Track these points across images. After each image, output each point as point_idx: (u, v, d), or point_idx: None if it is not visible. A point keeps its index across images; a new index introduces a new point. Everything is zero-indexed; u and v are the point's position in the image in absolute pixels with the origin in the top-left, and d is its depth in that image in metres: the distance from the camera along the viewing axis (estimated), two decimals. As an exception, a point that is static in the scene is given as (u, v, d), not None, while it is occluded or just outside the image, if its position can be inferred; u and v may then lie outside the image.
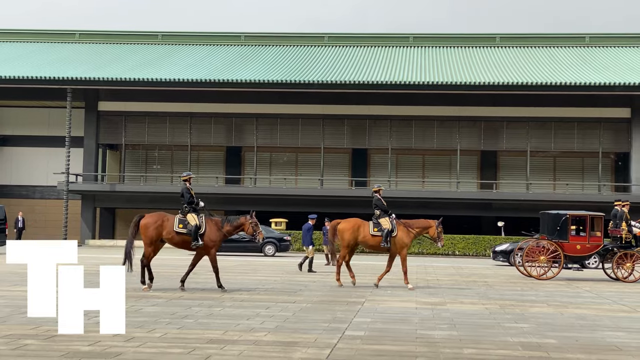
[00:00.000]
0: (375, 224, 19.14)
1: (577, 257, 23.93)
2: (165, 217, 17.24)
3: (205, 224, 17.08)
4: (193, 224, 16.91)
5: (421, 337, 10.73)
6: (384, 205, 19.53)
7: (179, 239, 17.06)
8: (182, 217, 17.17)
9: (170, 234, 16.99)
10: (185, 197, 17.46)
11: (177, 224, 17.03)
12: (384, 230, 18.89)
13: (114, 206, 47.92)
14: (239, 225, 17.34)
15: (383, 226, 18.96)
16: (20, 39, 54.45)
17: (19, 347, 9.34)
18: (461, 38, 53.32)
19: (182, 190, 17.68)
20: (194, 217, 17.05)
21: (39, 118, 49.82)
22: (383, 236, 18.82)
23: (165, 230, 16.99)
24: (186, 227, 16.95)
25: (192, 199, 17.41)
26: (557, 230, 23.82)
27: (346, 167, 49.03)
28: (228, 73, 44.87)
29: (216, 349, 9.42)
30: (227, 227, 17.26)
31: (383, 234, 18.85)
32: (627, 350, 10.10)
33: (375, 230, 19.00)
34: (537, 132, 45.82)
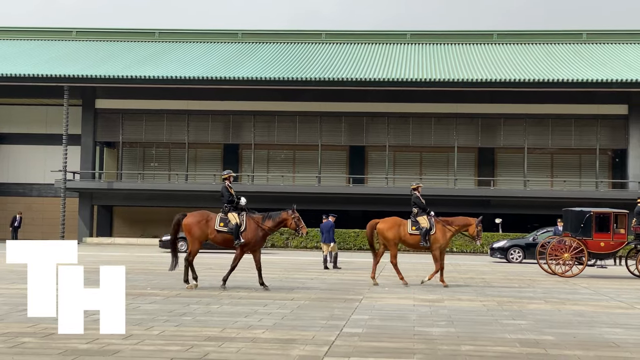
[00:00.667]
0: (413, 222, 19.01)
1: (601, 254, 23.82)
2: (208, 216, 17.15)
3: (246, 222, 16.97)
4: (234, 223, 16.84)
5: (419, 334, 10.74)
6: (422, 203, 19.34)
7: (221, 237, 16.98)
8: (224, 215, 17.07)
9: (213, 233, 16.92)
10: (225, 195, 17.32)
11: (218, 223, 16.96)
12: (422, 228, 18.76)
13: (112, 204, 47.91)
14: (281, 221, 17.24)
15: (421, 225, 18.83)
16: (17, 37, 54.36)
17: (16, 345, 9.33)
18: (458, 35, 53.33)
19: (222, 190, 17.55)
20: (235, 216, 16.97)
21: (36, 116, 49.77)
22: (421, 235, 18.70)
23: (209, 229, 16.93)
24: (227, 226, 16.88)
25: (232, 198, 17.26)
26: (581, 227, 23.74)
27: (344, 164, 49.03)
28: (225, 70, 44.83)
29: (214, 347, 9.42)
30: (268, 224, 17.16)
31: (421, 232, 18.72)
32: (625, 347, 10.12)
33: (414, 229, 18.88)
34: (535, 129, 45.85)
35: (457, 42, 52.09)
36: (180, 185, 46.25)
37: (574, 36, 52.29)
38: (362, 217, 46.15)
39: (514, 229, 42.76)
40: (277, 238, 41.69)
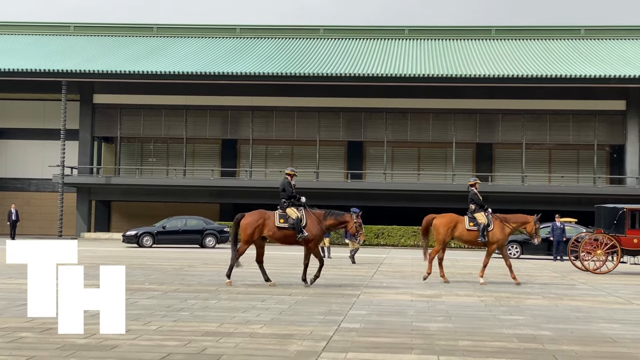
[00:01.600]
0: (470, 218, 18.92)
1: (634, 250, 23.71)
2: (266, 215, 17.05)
3: (306, 217, 16.92)
4: (294, 217, 16.80)
5: (417, 330, 10.75)
6: (479, 199, 19.24)
7: (281, 234, 16.89)
8: (282, 212, 17.02)
9: (272, 230, 16.83)
10: (287, 190, 17.30)
11: (277, 220, 16.88)
12: (480, 224, 18.68)
13: (110, 199, 47.90)
14: (343, 222, 17.14)
15: (479, 221, 18.74)
16: (15, 32, 54.26)
17: (14, 339, 9.34)
18: (457, 30, 53.31)
19: (284, 184, 17.50)
20: (294, 211, 16.91)
21: (34, 111, 49.72)
22: (480, 231, 18.62)
23: (267, 228, 16.82)
24: (287, 222, 16.81)
25: (293, 193, 17.23)
26: (614, 224, 23.66)
27: (342, 160, 49.03)
28: (223, 66, 44.80)
29: (212, 342, 9.42)
30: (329, 221, 17.06)
31: (479, 228, 18.65)
32: (622, 342, 10.14)
33: (471, 225, 18.78)
34: (533, 125, 45.87)
35: (455, 38, 52.07)
36: (178, 180, 46.24)
37: (572, 32, 52.28)
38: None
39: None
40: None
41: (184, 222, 36.92)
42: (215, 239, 36.33)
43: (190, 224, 36.88)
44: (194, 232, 36.37)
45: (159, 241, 35.62)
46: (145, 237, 35.56)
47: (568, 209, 40.50)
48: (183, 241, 36.19)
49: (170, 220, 37.29)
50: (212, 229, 36.64)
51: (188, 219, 37.40)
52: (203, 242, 36.08)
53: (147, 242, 35.44)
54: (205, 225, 36.89)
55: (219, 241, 36.40)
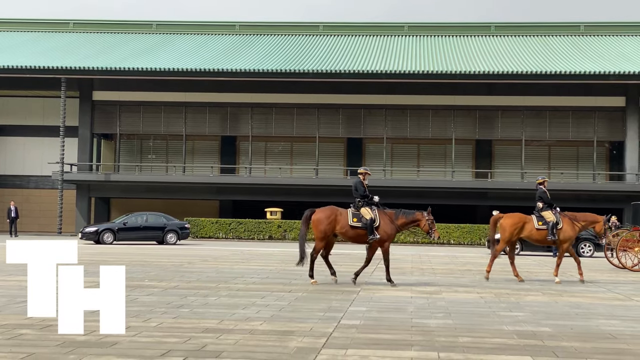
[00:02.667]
0: (538, 217, 18.76)
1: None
2: (338, 212, 16.92)
3: (379, 218, 16.75)
4: (368, 218, 16.62)
5: (416, 326, 10.75)
6: (548, 197, 19.08)
7: (353, 233, 16.73)
8: (356, 211, 16.89)
9: (344, 228, 16.68)
10: (360, 190, 17.15)
11: (351, 218, 16.73)
12: (549, 222, 18.49)
13: (109, 196, 47.90)
14: (414, 220, 16.97)
15: (547, 219, 18.58)
16: (14, 29, 54.23)
17: (14, 336, 9.33)
18: (456, 27, 53.29)
19: (356, 184, 17.35)
20: (368, 211, 16.74)
21: (33, 108, 49.70)
22: (549, 229, 18.43)
23: (339, 224, 16.68)
24: (360, 221, 16.65)
25: (366, 192, 17.10)
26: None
27: (341, 157, 49.05)
28: (223, 62, 44.79)
29: (212, 338, 9.42)
30: (401, 220, 16.90)
31: (548, 227, 18.46)
32: (622, 338, 10.13)
33: (540, 223, 18.60)
34: (532, 121, 45.89)
35: (455, 34, 52.06)
36: (177, 177, 46.24)
37: (571, 28, 52.28)
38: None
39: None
40: (275, 230, 41.70)
41: (144, 218, 36.25)
42: (177, 235, 35.72)
43: (151, 220, 36.22)
44: (155, 229, 35.69)
45: (120, 238, 34.79)
46: (106, 234, 34.57)
47: (568, 206, 40.42)
48: (144, 238, 35.58)
49: (131, 216, 36.58)
50: (173, 226, 36.03)
51: (149, 215, 36.74)
52: (164, 239, 35.45)
53: (108, 239, 34.52)
54: (166, 221, 36.28)
55: (180, 237, 35.87)
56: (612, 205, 42.23)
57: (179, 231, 35.97)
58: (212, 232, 42.10)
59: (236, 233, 42.00)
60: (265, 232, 41.77)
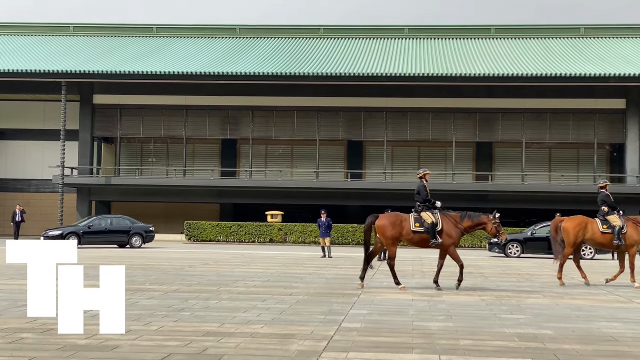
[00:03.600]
0: (603, 221, 18.55)
1: None
2: (402, 217, 16.76)
3: (442, 221, 16.62)
4: (430, 222, 16.50)
5: (418, 329, 10.74)
6: (612, 201, 18.94)
7: (418, 238, 16.59)
8: (417, 215, 16.75)
9: (409, 234, 16.56)
10: (422, 194, 17.05)
11: (413, 223, 16.59)
12: (614, 227, 18.30)
13: (110, 199, 47.89)
14: (480, 223, 16.81)
15: (613, 223, 18.38)
16: (15, 33, 54.27)
17: (15, 340, 9.33)
18: (456, 30, 53.31)
19: (419, 188, 17.24)
20: (430, 215, 16.63)
21: (34, 112, 49.73)
22: (615, 234, 18.24)
23: (404, 230, 16.54)
24: (423, 226, 16.52)
25: (428, 197, 17.00)
26: None
27: (342, 160, 49.04)
28: (223, 66, 44.80)
29: (213, 342, 9.41)
30: (467, 224, 16.73)
31: (614, 231, 18.27)
32: (623, 341, 10.12)
33: (605, 227, 18.40)
34: (533, 124, 45.88)
35: (455, 37, 52.07)
36: (178, 180, 46.24)
37: (572, 31, 52.28)
38: (360, 213, 46.20)
39: (512, 224, 42.76)
40: (276, 233, 41.70)
41: (109, 221, 35.88)
42: (142, 238, 35.30)
43: (116, 223, 35.80)
44: (121, 232, 35.21)
45: (85, 242, 33.81)
46: (71, 238, 33.47)
47: (568, 208, 40.40)
48: (109, 241, 35.11)
49: (96, 219, 36.12)
50: (139, 229, 35.67)
51: (114, 219, 36.39)
52: (130, 242, 34.97)
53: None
54: (131, 224, 35.90)
55: (145, 241, 35.45)
56: (613, 207, 42.16)
57: (144, 234, 35.49)
58: (213, 236, 42.09)
59: (237, 236, 41.98)
60: (266, 235, 41.75)
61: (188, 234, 42.36)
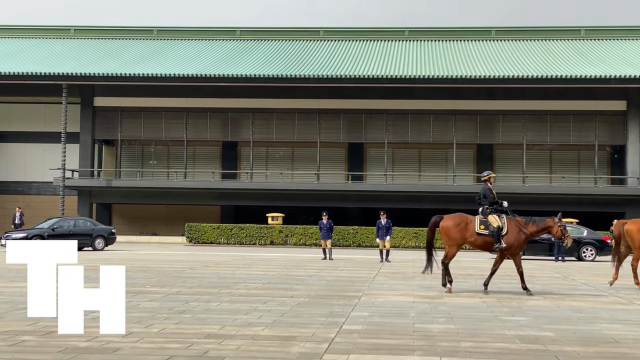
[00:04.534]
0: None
1: None
2: (467, 219, 16.64)
3: (507, 225, 16.45)
4: (495, 226, 16.34)
5: (418, 331, 10.74)
6: None
7: (481, 240, 16.50)
8: (483, 218, 16.59)
9: (473, 236, 16.45)
10: (489, 197, 16.91)
11: (478, 225, 16.46)
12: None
13: (111, 201, 47.92)
14: (545, 227, 16.60)
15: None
16: (15, 35, 54.33)
17: (16, 343, 9.33)
18: (457, 31, 53.33)
19: (484, 191, 17.10)
20: (496, 219, 16.48)
21: (34, 114, 49.77)
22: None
23: (468, 232, 16.44)
24: (488, 229, 16.37)
25: (495, 199, 16.90)
26: None
27: (342, 161, 49.05)
28: (224, 68, 44.83)
29: (214, 344, 9.41)
30: (532, 228, 16.53)
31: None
32: (624, 343, 10.12)
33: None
34: (533, 125, 45.88)
35: (456, 39, 52.10)
36: (178, 182, 46.25)
37: (572, 32, 52.31)
38: (360, 214, 46.26)
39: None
40: (277, 235, 41.69)
41: (72, 223, 35.22)
42: (104, 241, 34.79)
43: (79, 225, 35.18)
44: (84, 235, 34.24)
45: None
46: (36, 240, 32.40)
47: (569, 210, 40.47)
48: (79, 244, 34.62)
49: (59, 221, 35.29)
50: (101, 231, 35.22)
51: (77, 220, 35.79)
52: (92, 244, 34.30)
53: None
54: (94, 227, 35.51)
55: (108, 243, 34.94)
56: (613, 209, 42.19)
57: (107, 236, 35.05)
58: (214, 238, 42.09)
59: (238, 238, 41.98)
60: (267, 237, 41.75)
61: (189, 236, 42.36)
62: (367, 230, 40.61)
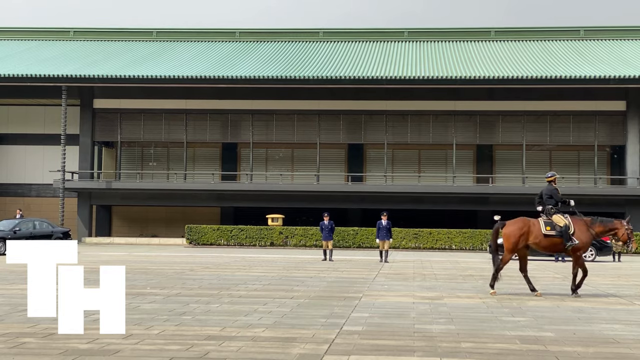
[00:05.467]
0: None
1: None
2: (530, 222, 16.48)
3: (574, 224, 16.32)
4: (562, 225, 16.24)
5: (419, 332, 10.74)
6: None
7: (547, 242, 16.34)
8: (548, 219, 16.51)
9: (538, 238, 16.29)
10: (556, 197, 16.83)
11: (544, 227, 16.32)
12: None
13: (110, 204, 47.91)
14: (613, 228, 16.40)
15: None
16: (15, 37, 54.34)
17: (17, 345, 9.33)
18: (456, 32, 53.34)
19: (550, 191, 17.01)
20: (561, 218, 16.38)
21: (34, 116, 49.78)
22: None
23: (532, 235, 16.29)
24: (554, 229, 16.26)
25: (563, 199, 16.83)
26: None
27: (342, 163, 49.05)
28: (223, 69, 44.83)
29: (214, 346, 9.42)
30: (598, 228, 16.37)
31: None
32: (624, 343, 10.13)
33: None
34: (533, 126, 45.89)
35: (455, 40, 52.11)
36: (178, 184, 46.24)
37: (571, 33, 52.33)
38: (360, 215, 46.27)
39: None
40: (277, 237, 41.69)
41: (32, 225, 34.49)
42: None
43: (39, 227, 34.58)
44: (44, 236, 33.69)
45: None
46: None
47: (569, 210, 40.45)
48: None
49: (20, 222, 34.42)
50: (59, 232, 34.87)
51: (36, 222, 35.16)
52: None
53: (1, 249, 31.90)
54: (52, 228, 35.12)
55: None
56: (613, 209, 42.18)
57: (63, 238, 34.56)
58: (214, 239, 42.08)
59: (237, 240, 41.98)
60: (267, 238, 41.75)
61: (189, 237, 42.35)
62: (367, 231, 40.61)
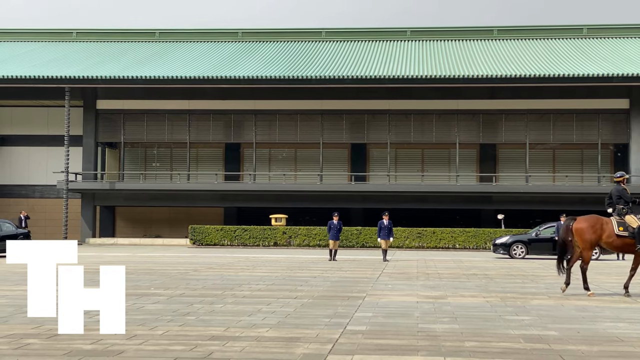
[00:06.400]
0: None
1: None
2: (602, 220, 16.24)
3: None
4: (635, 226, 15.95)
5: (422, 331, 10.73)
6: None
7: (620, 242, 16.10)
8: (620, 219, 16.24)
9: (611, 237, 16.08)
10: (626, 197, 16.52)
11: (616, 227, 16.06)
12: None
13: (114, 204, 47.97)
14: None
15: None
16: (17, 39, 54.41)
17: (21, 346, 9.34)
18: (459, 31, 53.30)
19: (619, 192, 16.64)
20: (634, 219, 16.07)
21: (37, 117, 49.85)
22: None
23: (605, 233, 16.07)
24: (627, 230, 16.00)
25: (633, 199, 16.61)
26: None
27: (345, 162, 49.06)
28: (226, 70, 44.86)
29: (218, 346, 9.42)
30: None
31: None
32: (629, 341, 10.11)
33: None
34: (536, 124, 45.86)
35: (458, 38, 52.08)
36: (182, 185, 46.29)
37: (574, 31, 52.26)
38: (364, 215, 46.25)
39: (516, 225, 42.78)
40: (280, 237, 41.70)
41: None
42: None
43: (5, 228, 33.70)
44: (10, 237, 32.24)
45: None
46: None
47: (573, 209, 40.41)
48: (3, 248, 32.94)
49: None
50: (23, 233, 34.17)
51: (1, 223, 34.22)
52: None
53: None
54: (16, 230, 34.45)
55: None
56: (617, 207, 42.10)
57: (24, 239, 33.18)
58: (217, 240, 42.10)
59: (241, 240, 42.00)
60: (270, 238, 41.75)
61: (192, 237, 42.37)
62: (371, 231, 40.60)
